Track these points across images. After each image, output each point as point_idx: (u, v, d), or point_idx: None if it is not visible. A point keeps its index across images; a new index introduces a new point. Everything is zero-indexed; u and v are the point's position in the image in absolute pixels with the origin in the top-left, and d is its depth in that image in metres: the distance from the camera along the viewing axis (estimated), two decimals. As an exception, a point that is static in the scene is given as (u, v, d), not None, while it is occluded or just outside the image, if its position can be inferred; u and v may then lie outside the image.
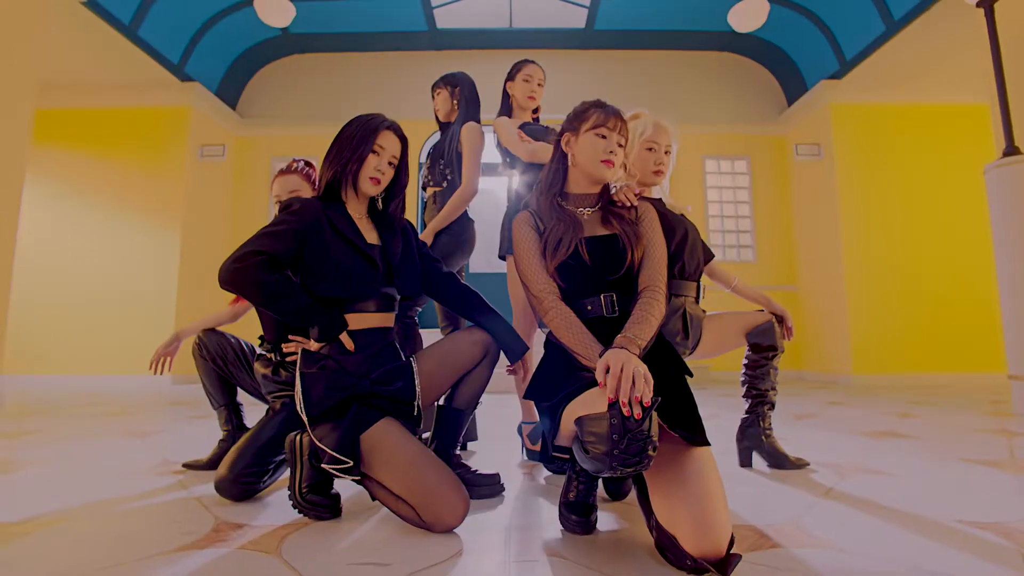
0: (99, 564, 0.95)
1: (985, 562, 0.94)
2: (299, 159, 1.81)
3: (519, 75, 2.19)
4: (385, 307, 1.30)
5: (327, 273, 1.22)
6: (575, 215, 1.26)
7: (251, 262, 1.15)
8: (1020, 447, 2.03)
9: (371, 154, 1.30)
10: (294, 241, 1.20)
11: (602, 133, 1.26)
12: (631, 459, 0.84)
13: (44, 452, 2.00)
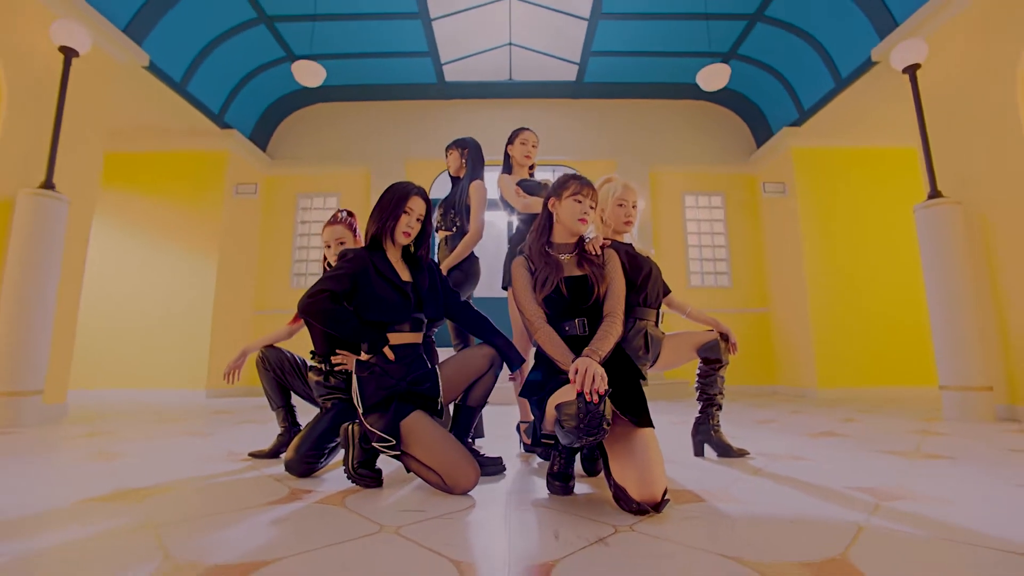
0: (213, 512, 1.28)
1: (841, 507, 1.26)
2: (343, 210, 2.16)
3: (517, 139, 2.58)
4: (416, 328, 1.64)
5: (373, 305, 1.56)
6: (558, 260, 1.61)
7: (320, 297, 1.49)
8: (927, 442, 2.34)
9: (403, 214, 1.65)
10: (349, 282, 1.55)
11: (578, 199, 1.62)
12: (592, 431, 1.18)
13: (128, 447, 2.31)
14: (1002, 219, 3.38)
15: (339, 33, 5.71)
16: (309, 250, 6.81)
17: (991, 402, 3.24)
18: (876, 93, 4.98)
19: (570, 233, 1.65)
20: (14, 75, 3.38)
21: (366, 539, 1.06)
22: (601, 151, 6.88)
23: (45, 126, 3.52)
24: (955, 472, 1.70)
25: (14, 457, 2.04)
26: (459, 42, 6.13)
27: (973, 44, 3.65)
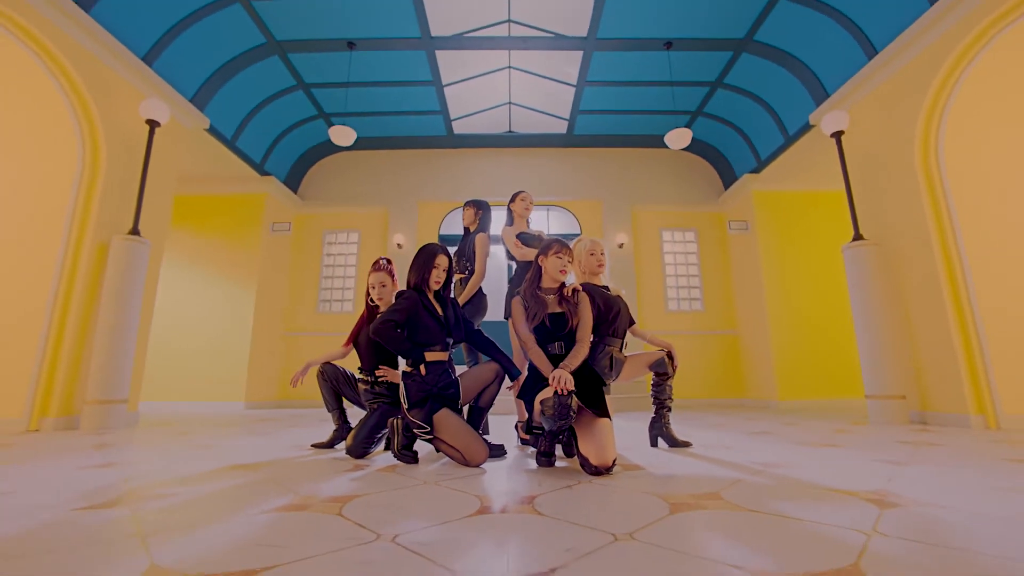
0: (312, 476, 1.79)
1: (736, 472, 1.77)
2: (383, 259, 2.69)
3: (518, 199, 3.14)
4: (444, 348, 2.17)
5: (421, 331, 2.09)
6: (544, 300, 2.15)
7: (388, 324, 2.02)
8: (834, 438, 2.83)
9: (433, 269, 2.19)
10: (404, 316, 2.07)
11: (559, 256, 2.17)
12: (562, 417, 1.70)
13: (215, 441, 2.80)
14: (910, 256, 3.93)
15: (365, 96, 6.37)
16: (333, 279, 7.35)
17: (905, 408, 3.73)
18: (817, 148, 5.60)
19: (553, 280, 2.19)
20: (111, 143, 3.97)
21: (417, 488, 1.57)
22: (589, 193, 7.49)
23: (132, 182, 4.11)
24: (839, 454, 2.20)
25: (145, 445, 2.54)
26: (466, 102, 6.80)
27: (884, 113, 4.25)
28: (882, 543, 0.97)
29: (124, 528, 1.11)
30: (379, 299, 2.54)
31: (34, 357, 3.44)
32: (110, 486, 1.57)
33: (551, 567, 0.87)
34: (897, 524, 1.10)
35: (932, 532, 1.05)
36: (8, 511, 1.26)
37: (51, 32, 3.56)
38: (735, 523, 1.13)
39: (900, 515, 1.18)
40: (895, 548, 0.95)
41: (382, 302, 2.54)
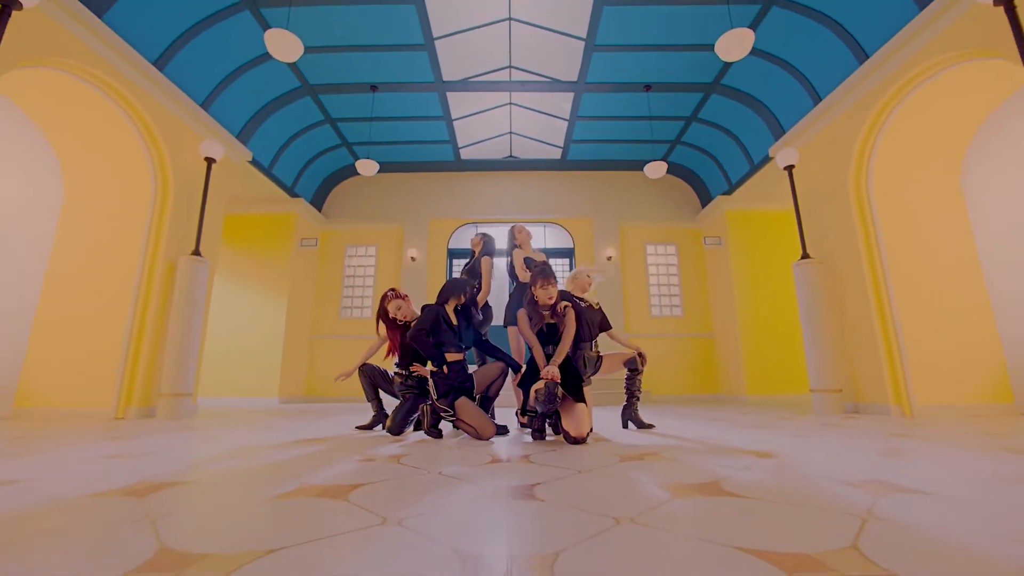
0: (364, 447, 2.32)
1: (683, 444, 2.31)
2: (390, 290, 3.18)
3: (516, 232, 3.67)
4: (460, 351, 2.71)
5: (441, 334, 2.63)
6: (541, 314, 2.69)
7: (419, 334, 2.56)
8: (777, 423, 3.36)
9: (453, 298, 2.73)
10: (429, 324, 2.62)
11: (544, 288, 2.70)
12: (551, 402, 2.24)
13: (276, 424, 3.32)
14: (845, 273, 4.47)
15: (384, 129, 6.94)
16: (353, 288, 7.90)
17: (841, 400, 4.26)
18: (777, 175, 6.14)
19: (545, 301, 2.73)
20: (177, 177, 4.52)
21: (446, 450, 2.11)
22: (581, 211, 8.05)
23: (194, 210, 4.66)
24: (764, 432, 2.73)
25: (226, 428, 3.07)
26: (472, 132, 7.36)
27: (827, 150, 4.80)
28: (743, 474, 1.51)
29: (269, 468, 1.65)
30: (404, 316, 3.08)
31: (119, 357, 3.99)
32: (234, 448, 2.11)
33: (537, 482, 1.41)
34: (761, 467, 1.64)
35: (778, 470, 1.58)
36: (185, 461, 1.80)
37: (132, 88, 4.12)
38: (660, 466, 1.67)
39: (766, 462, 1.72)
40: (749, 476, 1.48)
41: (405, 316, 3.09)
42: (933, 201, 4.27)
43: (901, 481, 1.35)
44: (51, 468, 1.64)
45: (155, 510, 1.10)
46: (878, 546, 0.84)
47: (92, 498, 1.21)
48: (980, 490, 1.25)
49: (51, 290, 4.16)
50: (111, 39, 3.77)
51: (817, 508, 1.09)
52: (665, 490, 1.29)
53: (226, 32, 4.62)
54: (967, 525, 0.95)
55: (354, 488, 1.34)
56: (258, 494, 1.27)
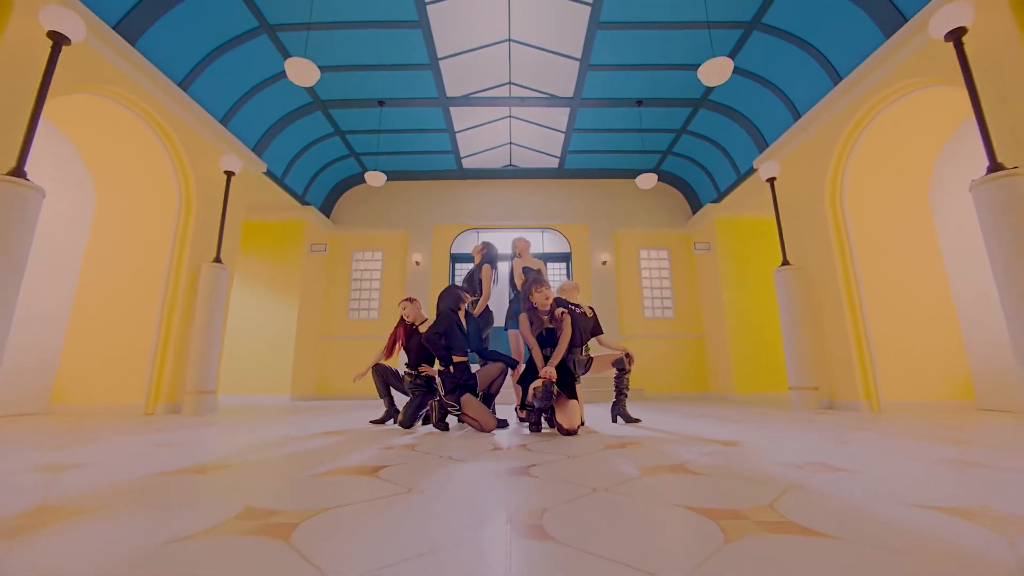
0: (381, 438, 2.56)
1: (661, 435, 2.55)
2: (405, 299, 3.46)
3: (517, 244, 3.90)
4: (465, 353, 2.95)
5: (452, 342, 2.87)
6: (541, 318, 2.93)
7: (433, 337, 2.80)
8: (754, 418, 3.60)
9: (462, 302, 2.98)
10: (445, 328, 2.86)
11: (539, 291, 2.95)
12: (548, 399, 2.48)
13: (297, 419, 3.56)
14: (822, 278, 4.71)
15: (390, 140, 7.18)
16: (360, 291, 8.14)
17: (817, 397, 4.51)
18: (762, 185, 6.36)
19: (543, 305, 2.97)
20: (199, 190, 4.76)
21: (453, 440, 2.36)
22: (577, 217, 8.29)
23: (214, 220, 4.90)
24: (740, 426, 2.97)
25: (250, 423, 3.31)
26: (474, 142, 7.60)
27: (806, 164, 5.04)
28: (706, 458, 1.75)
29: (303, 454, 1.90)
30: (408, 317, 3.34)
31: (148, 357, 4.22)
32: (266, 439, 2.35)
33: (532, 464, 1.65)
34: (723, 453, 1.88)
35: (737, 455, 1.82)
36: (227, 449, 2.04)
37: (159, 107, 4.36)
38: (638, 453, 1.91)
39: (730, 449, 1.96)
40: (710, 460, 1.72)
41: (408, 317, 3.35)
42: (903, 213, 4.52)
43: (838, 463, 1.60)
44: (108, 455, 1.88)
45: (224, 483, 1.34)
46: (789, 505, 1.08)
47: (162, 476, 1.45)
48: (899, 469, 1.49)
49: (84, 295, 4.40)
50: (142, 64, 4.01)
51: (757, 481, 1.33)
52: (637, 470, 1.53)
53: (245, 54, 4.86)
54: (868, 492, 1.19)
55: (380, 468, 1.58)
56: (301, 473, 1.51)
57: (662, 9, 4.65)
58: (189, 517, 1.01)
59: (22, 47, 2.94)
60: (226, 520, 0.98)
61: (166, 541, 0.86)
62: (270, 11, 4.54)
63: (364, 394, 7.41)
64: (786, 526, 0.93)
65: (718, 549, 0.81)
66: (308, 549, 0.82)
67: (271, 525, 0.95)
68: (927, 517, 0.98)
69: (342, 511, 1.06)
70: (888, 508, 1.05)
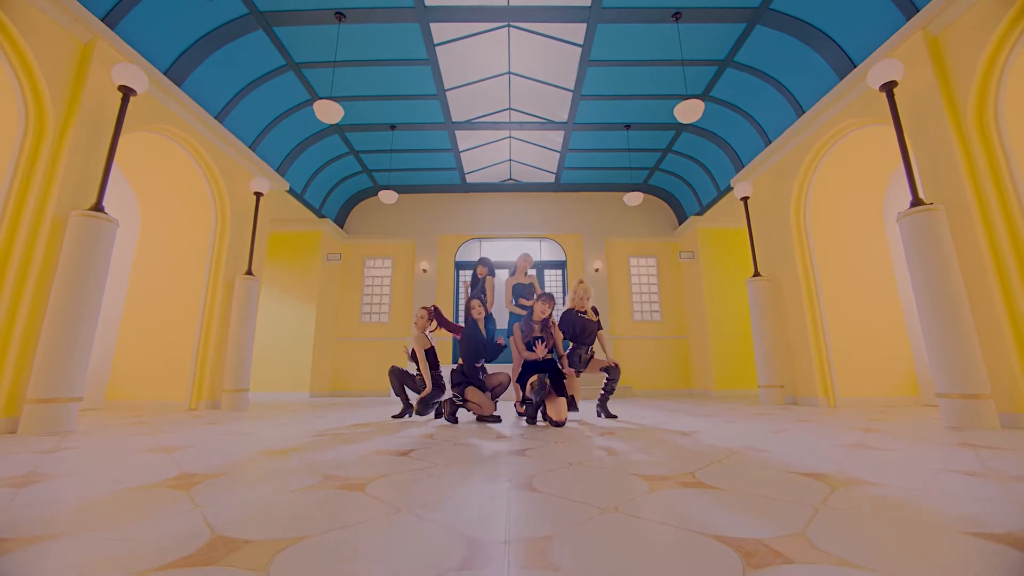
0: (403, 428, 2.99)
1: (632, 427, 2.98)
2: (431, 306, 3.88)
3: (520, 259, 4.31)
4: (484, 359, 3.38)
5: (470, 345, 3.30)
6: (533, 327, 3.35)
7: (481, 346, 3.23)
8: (722, 412, 4.02)
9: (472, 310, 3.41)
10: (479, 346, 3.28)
11: (541, 304, 3.37)
12: (541, 393, 2.91)
13: (326, 414, 3.97)
14: (787, 287, 5.13)
15: (400, 158, 7.60)
16: (372, 296, 8.55)
17: (782, 394, 4.93)
18: (739, 201, 6.80)
19: (538, 317, 3.39)
20: (233, 209, 5.18)
21: (464, 428, 2.78)
22: (571, 228, 8.71)
23: (246, 236, 5.32)
24: (705, 419, 3.39)
25: (287, 418, 3.72)
26: (477, 160, 8.02)
27: (775, 185, 5.45)
28: (659, 444, 2.17)
29: (346, 439, 2.32)
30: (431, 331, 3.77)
31: (190, 359, 4.65)
32: (315, 429, 2.77)
33: (528, 447, 2.07)
34: (674, 439, 2.30)
35: (685, 439, 2.25)
36: (285, 437, 2.46)
37: (199, 137, 4.77)
38: (609, 440, 2.33)
39: (682, 438, 2.38)
40: (662, 444, 2.14)
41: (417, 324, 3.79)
42: (859, 231, 4.93)
43: (760, 445, 2.02)
44: (195, 440, 2.30)
45: (304, 459, 1.77)
46: (711, 473, 1.50)
47: (263, 454, 1.88)
48: (806, 447, 1.91)
49: (132, 304, 4.83)
50: (187, 103, 4.43)
51: (686, 456, 1.75)
52: (604, 450, 1.95)
53: (273, 88, 5.28)
54: (766, 462, 1.62)
55: (410, 451, 2.00)
56: (353, 454, 1.93)
57: (644, 49, 5.06)
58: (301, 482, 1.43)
59: (99, 99, 3.36)
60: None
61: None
62: (297, 52, 4.95)
63: (375, 391, 7.83)
64: (696, 484, 1.35)
65: (645, 494, 1.24)
66: (375, 492, 1.24)
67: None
68: (794, 479, 1.40)
69: (394, 477, 1.48)
70: (772, 472, 1.47)
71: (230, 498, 1.21)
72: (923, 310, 2.99)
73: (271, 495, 1.25)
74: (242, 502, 1.18)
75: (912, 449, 1.92)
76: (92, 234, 2.98)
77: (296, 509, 1.13)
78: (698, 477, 1.43)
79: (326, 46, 4.89)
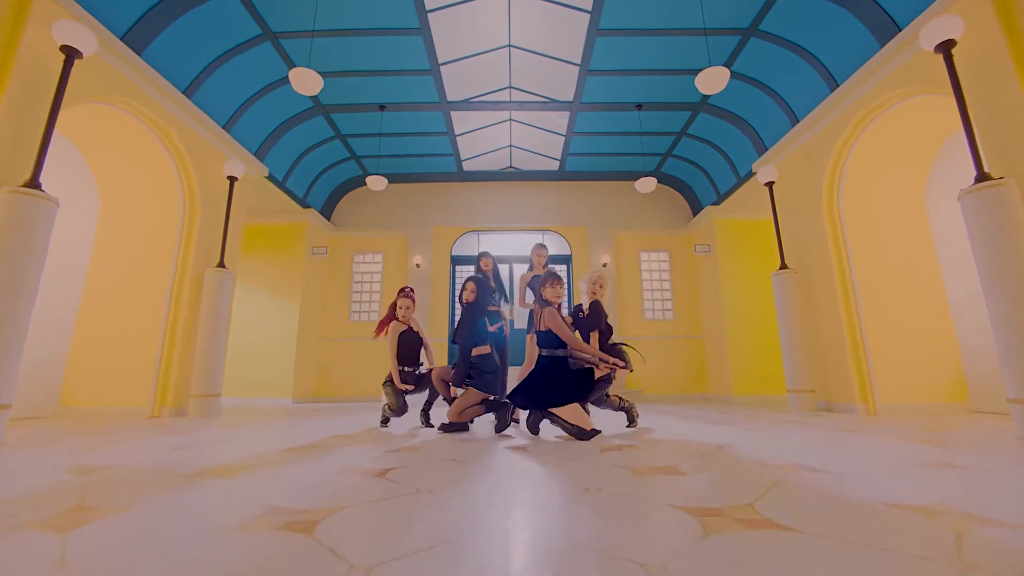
0: (377, 441, 2.69)
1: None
2: (408, 287, 3.58)
3: (534, 253, 3.99)
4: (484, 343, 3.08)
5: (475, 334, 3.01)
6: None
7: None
8: (743, 421, 3.71)
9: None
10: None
11: (552, 287, 3.05)
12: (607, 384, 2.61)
13: (306, 423, 3.68)
14: (818, 281, 4.82)
15: (391, 143, 7.30)
16: (361, 293, 8.26)
17: (814, 399, 4.62)
18: (761, 187, 6.47)
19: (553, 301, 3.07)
20: (204, 195, 4.88)
21: (457, 438, 2.48)
22: (576, 220, 8.40)
23: (218, 224, 5.02)
24: (732, 429, 3.09)
25: (270, 425, 3.43)
26: (474, 146, 7.72)
27: (803, 168, 5.14)
28: (685, 470, 1.87)
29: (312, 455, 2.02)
30: (403, 318, 3.47)
31: (154, 361, 4.35)
32: (288, 442, 2.47)
33: (529, 467, 1.77)
34: (720, 458, 2.00)
35: (709, 460, 1.94)
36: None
37: (164, 114, 4.46)
38: (636, 455, 2.03)
39: (721, 453, 2.08)
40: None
41: (404, 319, 3.48)
42: (899, 217, 4.63)
43: (815, 463, 1.72)
44: (130, 456, 2.00)
45: (254, 482, 1.46)
46: (774, 505, 1.20)
47: (206, 474, 1.57)
48: (874, 466, 1.61)
49: (90, 299, 4.53)
50: (149, 74, 4.13)
51: (730, 478, 1.45)
52: (626, 469, 1.65)
53: (248, 61, 4.98)
54: (839, 483, 1.31)
55: (388, 470, 1.70)
56: (318, 473, 1.63)
57: (660, 16, 4.76)
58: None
59: (36, 61, 3.06)
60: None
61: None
62: (273, 19, 4.66)
63: (366, 396, 7.53)
64: (762, 523, 1.05)
65: (698, 539, 0.93)
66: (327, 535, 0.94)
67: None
68: (893, 516, 1.10)
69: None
70: (853, 504, 1.17)
71: (117, 547, 0.91)
72: (991, 301, 2.68)
73: (177, 540, 0.95)
74: (131, 551, 0.88)
75: (1009, 467, 1.62)
76: (26, 214, 2.69)
77: (198, 568, 0.82)
78: (760, 511, 1.13)
79: (306, 12, 4.59)
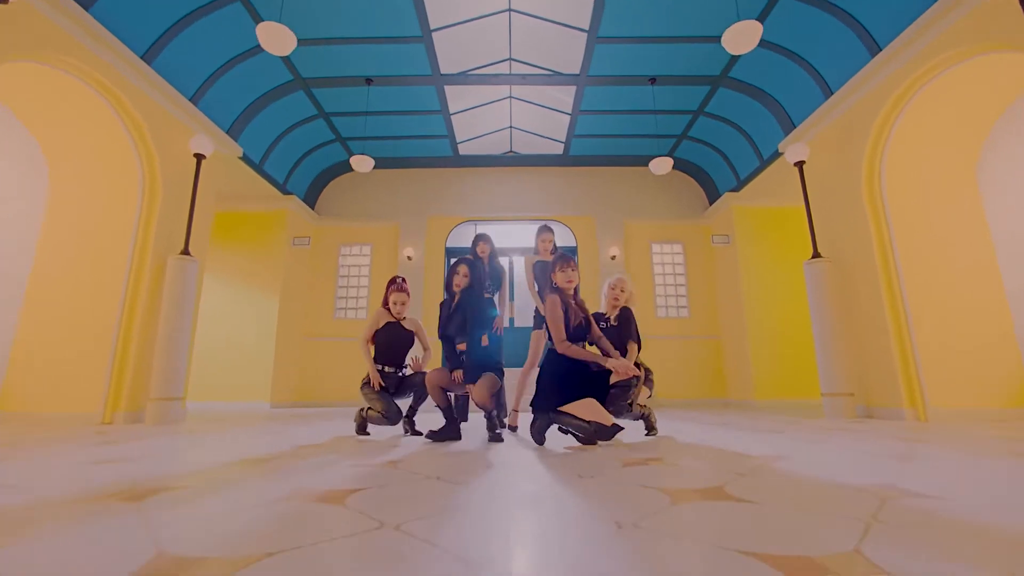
0: (353, 454, 2.35)
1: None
2: (400, 277, 3.24)
3: (539, 239, 3.66)
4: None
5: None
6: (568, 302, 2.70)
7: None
8: (781, 427, 3.39)
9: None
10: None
11: (563, 271, 2.71)
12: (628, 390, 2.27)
13: (281, 429, 3.35)
14: (857, 272, 4.49)
15: (380, 123, 6.97)
16: (348, 288, 7.93)
17: (852, 404, 4.29)
18: (787, 171, 6.09)
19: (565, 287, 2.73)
20: (166, 174, 4.55)
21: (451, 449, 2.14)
22: (582, 209, 8.08)
23: (183, 207, 4.69)
24: (771, 438, 2.76)
25: (241, 431, 3.10)
26: (471, 126, 7.39)
27: (838, 145, 4.81)
28: (738, 494, 1.54)
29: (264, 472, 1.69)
30: (399, 315, 3.13)
31: (107, 361, 4.02)
32: (246, 453, 2.14)
33: (534, 489, 1.44)
34: (778, 473, 1.67)
35: (764, 477, 1.61)
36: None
37: (119, 82, 4.15)
38: (664, 471, 1.70)
39: (778, 464, 1.75)
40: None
41: (399, 317, 3.14)
42: (949, 198, 4.30)
43: (902, 481, 1.38)
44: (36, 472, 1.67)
45: (159, 510, 1.13)
46: (888, 549, 0.86)
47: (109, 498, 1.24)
48: (981, 486, 1.28)
49: (36, 290, 4.20)
50: (99, 32, 3.81)
51: (804, 504, 1.12)
52: (660, 492, 1.32)
53: (216, 24, 4.65)
54: (959, 510, 0.98)
55: (351, 492, 1.37)
56: (261, 496, 1.30)
57: (679, -28, 4.43)
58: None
59: (-47, 5, 2.74)
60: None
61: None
62: (243, -26, 4.34)
63: (350, 401, 7.20)
64: None
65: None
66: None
67: None
68: (1078, 568, 0.76)
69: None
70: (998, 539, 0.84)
71: None
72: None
73: None
74: None
75: None
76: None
77: None
78: (875, 560, 0.80)
79: (280, -33, 4.27)
